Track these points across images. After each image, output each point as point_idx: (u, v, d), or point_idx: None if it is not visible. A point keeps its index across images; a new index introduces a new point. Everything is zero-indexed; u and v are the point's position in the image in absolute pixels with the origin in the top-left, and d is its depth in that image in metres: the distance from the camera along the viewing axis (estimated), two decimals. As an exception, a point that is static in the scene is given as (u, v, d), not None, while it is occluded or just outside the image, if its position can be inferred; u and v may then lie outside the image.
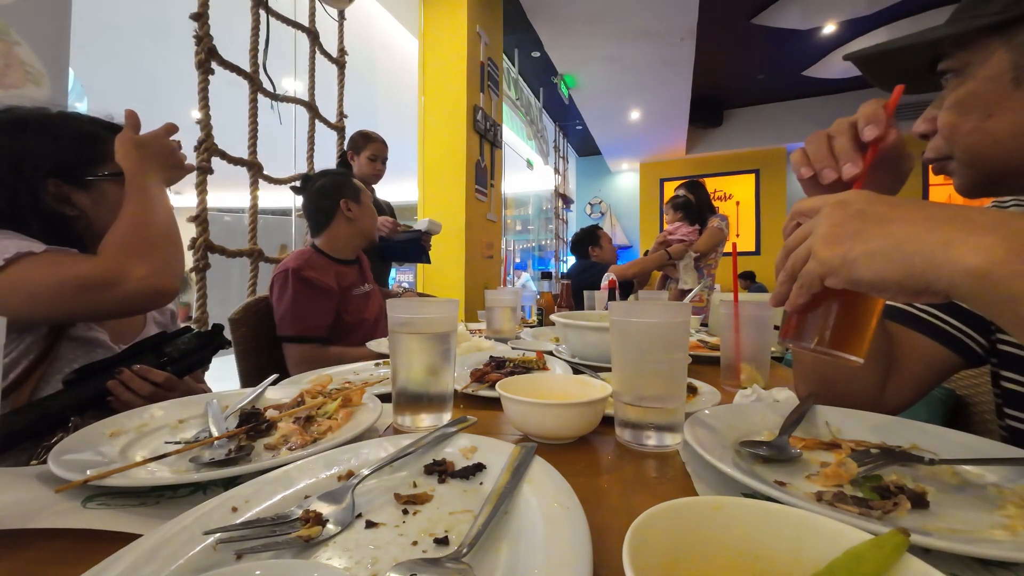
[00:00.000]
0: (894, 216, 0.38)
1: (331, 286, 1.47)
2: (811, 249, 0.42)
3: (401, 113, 4.52)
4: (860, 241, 0.38)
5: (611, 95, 5.93)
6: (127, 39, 4.76)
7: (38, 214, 0.80)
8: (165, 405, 0.65)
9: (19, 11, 1.26)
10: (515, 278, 6.41)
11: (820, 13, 4.52)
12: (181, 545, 0.32)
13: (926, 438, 0.52)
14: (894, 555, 0.24)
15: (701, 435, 0.49)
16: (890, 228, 0.38)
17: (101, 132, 0.88)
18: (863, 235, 0.39)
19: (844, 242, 0.39)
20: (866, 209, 0.40)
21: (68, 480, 0.42)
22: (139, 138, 0.88)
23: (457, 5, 3.40)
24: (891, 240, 0.37)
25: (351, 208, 1.56)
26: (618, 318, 0.57)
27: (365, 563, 0.32)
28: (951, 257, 0.34)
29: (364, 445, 0.49)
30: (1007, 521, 0.37)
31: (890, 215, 0.38)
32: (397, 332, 0.63)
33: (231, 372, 1.36)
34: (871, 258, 0.38)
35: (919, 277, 0.36)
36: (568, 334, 1.06)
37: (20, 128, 0.81)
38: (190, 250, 1.59)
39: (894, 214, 0.38)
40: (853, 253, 0.38)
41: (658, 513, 0.27)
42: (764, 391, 0.70)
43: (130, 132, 0.88)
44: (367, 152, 2.35)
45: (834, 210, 0.41)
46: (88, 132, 0.87)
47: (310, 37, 2.29)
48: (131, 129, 0.89)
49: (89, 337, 0.83)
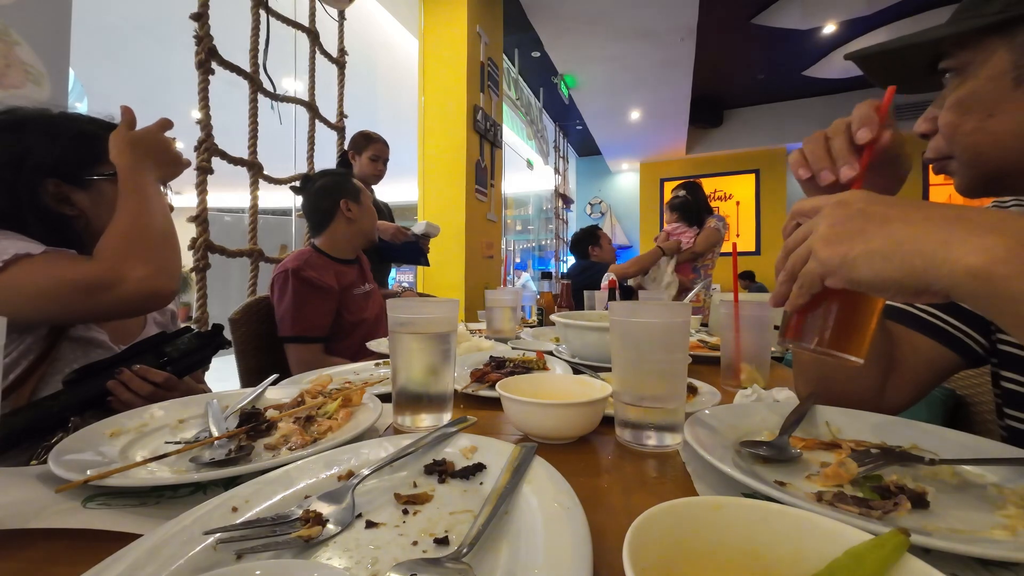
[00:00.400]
0: (894, 216, 0.38)
1: (331, 286, 1.47)
2: (811, 249, 0.42)
3: (401, 113, 4.52)
4: (860, 241, 0.38)
5: (611, 95, 5.93)
6: (127, 39, 4.76)
7: (38, 214, 0.80)
8: (165, 405, 0.65)
9: (19, 11, 1.26)
10: (515, 278, 6.42)
11: (820, 13, 4.52)
12: (181, 545, 0.32)
13: (926, 438, 0.52)
14: (894, 555, 0.24)
15: (701, 435, 0.49)
16: (890, 228, 0.38)
17: (101, 132, 0.87)
18: (863, 235, 0.38)
19: (844, 242, 0.39)
20: (866, 209, 0.40)
21: (68, 480, 0.42)
22: (133, 134, 0.87)
23: (457, 5, 3.40)
24: (891, 240, 0.37)
25: (351, 208, 1.57)
26: (618, 318, 0.57)
27: (365, 563, 0.32)
28: (951, 257, 0.34)
29: (364, 445, 0.49)
30: (1007, 521, 0.37)
31: (890, 215, 0.38)
32: (397, 332, 0.63)
33: (231, 372, 1.36)
34: (871, 258, 0.38)
35: (919, 277, 0.36)
36: (568, 334, 1.06)
37: (20, 128, 0.81)
38: (190, 250, 1.58)
39: (894, 214, 0.38)
40: (853, 253, 0.38)
41: (658, 513, 0.27)
42: (764, 391, 0.70)
43: (124, 129, 0.87)
44: (369, 152, 2.35)
45: (834, 210, 0.41)
46: (88, 132, 0.87)
47: (310, 37, 2.29)
48: (126, 126, 0.87)
49: (89, 337, 0.83)
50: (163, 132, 0.92)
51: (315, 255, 1.51)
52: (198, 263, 1.60)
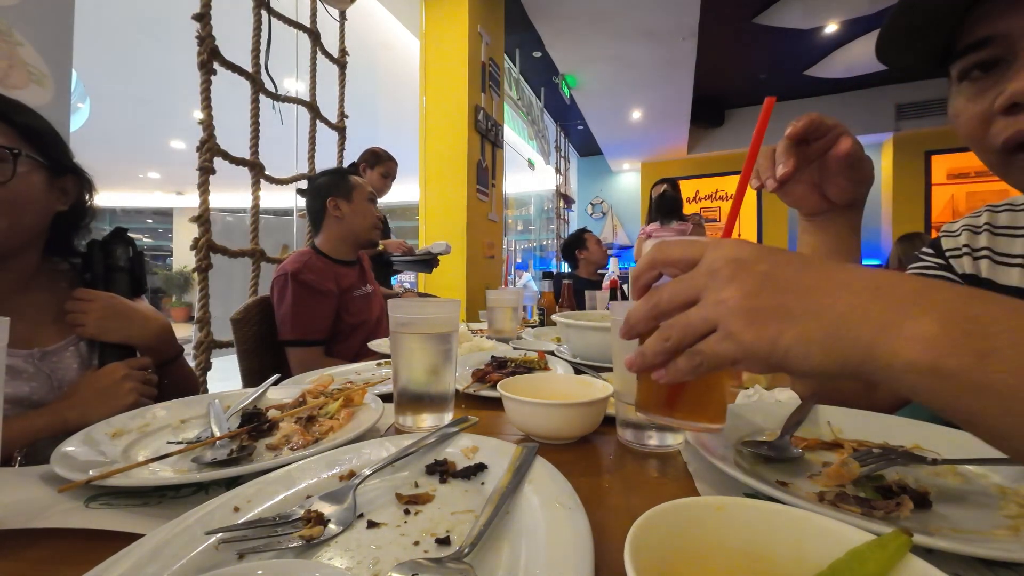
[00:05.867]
0: (808, 284, 0.33)
1: (330, 288, 1.46)
2: (719, 324, 0.34)
3: (402, 113, 4.53)
4: (788, 323, 0.32)
5: (612, 95, 5.92)
6: (130, 40, 4.77)
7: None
8: (168, 405, 0.66)
9: (22, 12, 1.26)
10: (516, 278, 6.42)
11: (822, 13, 4.51)
12: (183, 545, 0.32)
13: (929, 438, 0.52)
14: (897, 555, 0.24)
15: (703, 435, 0.49)
16: (814, 303, 0.32)
17: None
18: (788, 314, 0.32)
19: (769, 323, 0.32)
20: (772, 273, 0.33)
21: (71, 480, 0.42)
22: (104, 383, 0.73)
23: (458, 5, 3.40)
24: (824, 324, 0.31)
25: (339, 207, 1.55)
26: (619, 318, 0.57)
27: (367, 563, 0.32)
28: (892, 349, 0.29)
29: (366, 445, 0.49)
30: (1010, 521, 0.37)
31: (803, 282, 0.33)
32: (398, 332, 0.63)
33: (233, 372, 1.36)
34: (807, 347, 0.31)
35: (856, 368, 0.31)
36: (570, 334, 1.06)
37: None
38: (192, 250, 1.59)
39: (806, 280, 0.33)
40: (784, 340, 0.32)
41: (660, 513, 0.27)
42: (766, 391, 0.70)
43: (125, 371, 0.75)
44: (381, 168, 2.53)
45: (736, 272, 0.34)
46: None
47: (311, 37, 2.29)
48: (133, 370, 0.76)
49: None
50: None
51: (315, 257, 1.51)
52: (200, 263, 1.60)
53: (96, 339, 0.79)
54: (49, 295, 0.80)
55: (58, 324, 0.78)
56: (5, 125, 0.70)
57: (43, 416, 0.67)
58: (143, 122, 6.96)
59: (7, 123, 0.70)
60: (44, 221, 0.77)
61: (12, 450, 0.61)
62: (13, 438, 0.62)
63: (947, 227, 0.70)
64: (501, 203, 4.07)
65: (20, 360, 0.72)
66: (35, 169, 0.73)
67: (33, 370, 0.73)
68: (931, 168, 6.50)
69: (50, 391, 0.74)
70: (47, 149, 0.75)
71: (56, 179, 0.77)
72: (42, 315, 0.78)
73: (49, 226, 0.79)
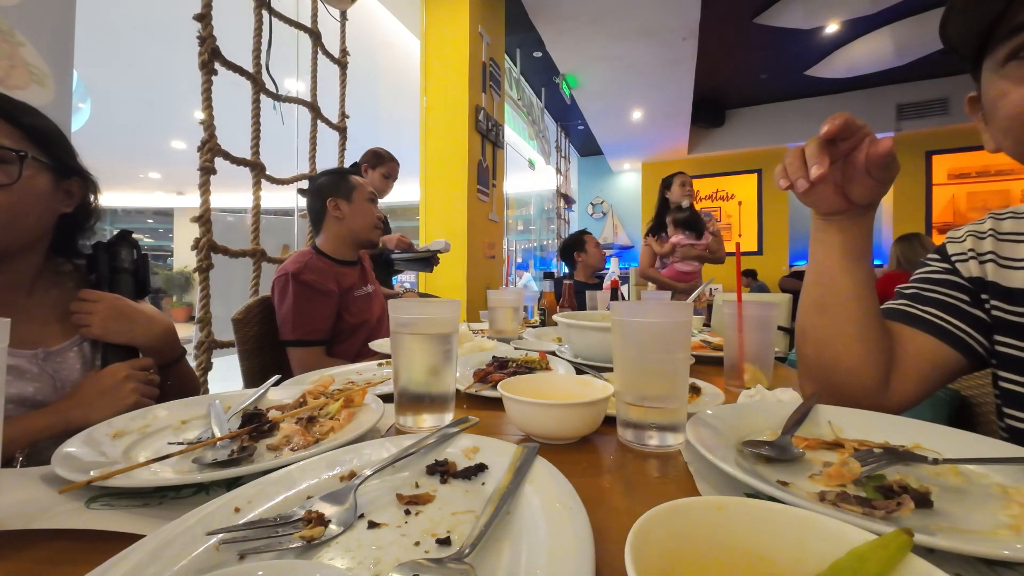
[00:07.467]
0: None
1: (331, 289, 1.46)
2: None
3: (403, 113, 4.53)
4: None
5: (613, 95, 5.92)
6: (131, 40, 4.78)
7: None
8: (168, 406, 0.66)
9: (23, 12, 1.27)
10: (517, 278, 6.42)
11: (823, 12, 4.50)
12: (184, 546, 0.32)
13: (930, 437, 0.51)
14: (898, 555, 0.24)
15: (704, 435, 0.49)
16: None
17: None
18: None
19: None
20: None
21: (72, 481, 0.42)
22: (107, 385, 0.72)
23: (459, 5, 3.40)
24: None
25: (339, 207, 1.55)
26: (620, 318, 0.57)
27: (367, 563, 0.32)
28: None
29: (366, 445, 0.49)
30: (1012, 521, 0.37)
31: None
32: (399, 333, 0.63)
33: (234, 372, 1.36)
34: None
35: None
36: (570, 334, 1.06)
37: None
38: (193, 250, 1.59)
39: None
40: None
41: (660, 513, 0.27)
42: (768, 391, 0.70)
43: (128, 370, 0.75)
44: (383, 169, 2.54)
45: None
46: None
47: (312, 37, 2.29)
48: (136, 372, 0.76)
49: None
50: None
51: (315, 257, 1.51)
52: (201, 263, 1.60)
53: (101, 340, 0.79)
54: (53, 296, 0.80)
55: (62, 324, 0.78)
56: (11, 127, 0.70)
57: (45, 416, 0.67)
58: (144, 122, 6.97)
59: (13, 124, 0.70)
60: (49, 223, 0.77)
61: (14, 450, 0.61)
62: (15, 438, 0.62)
63: (952, 234, 0.71)
64: (502, 203, 4.07)
65: (24, 360, 0.73)
66: (41, 171, 0.72)
67: (37, 370, 0.73)
68: (932, 168, 6.50)
69: (53, 391, 0.74)
70: (53, 151, 0.75)
71: (62, 181, 0.77)
72: (46, 315, 0.78)
73: (54, 227, 0.79)
